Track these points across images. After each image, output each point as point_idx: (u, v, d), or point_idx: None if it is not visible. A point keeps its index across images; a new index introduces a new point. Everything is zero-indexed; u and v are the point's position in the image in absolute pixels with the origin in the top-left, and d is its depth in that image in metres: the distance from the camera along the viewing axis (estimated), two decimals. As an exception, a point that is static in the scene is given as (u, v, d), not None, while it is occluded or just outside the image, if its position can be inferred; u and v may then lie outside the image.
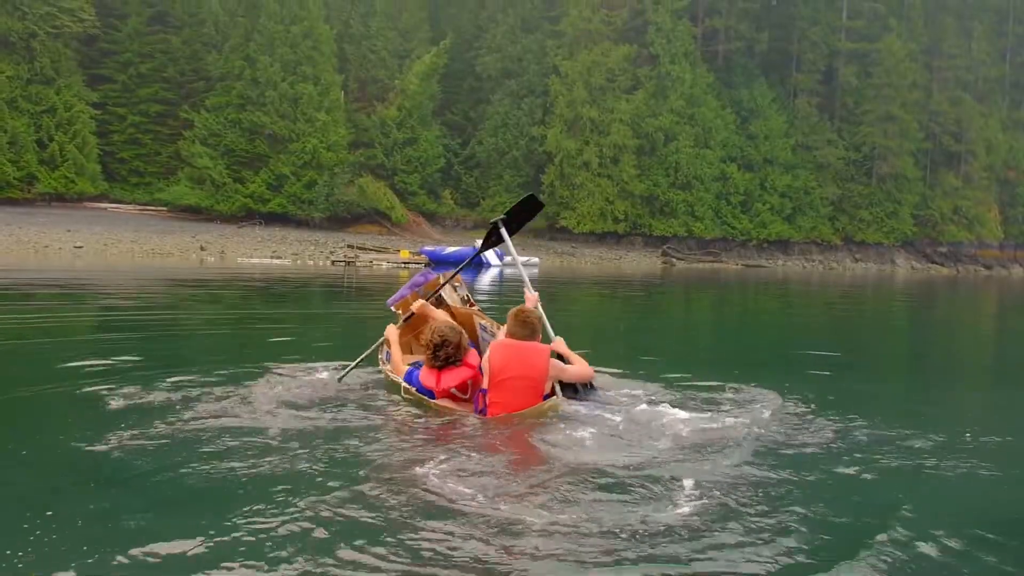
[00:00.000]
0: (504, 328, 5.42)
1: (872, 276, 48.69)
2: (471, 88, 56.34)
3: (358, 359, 6.05)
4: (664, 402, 5.33)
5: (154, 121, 45.84)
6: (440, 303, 6.70)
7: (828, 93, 61.32)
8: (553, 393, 5.07)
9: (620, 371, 6.83)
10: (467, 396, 5.18)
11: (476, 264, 34.83)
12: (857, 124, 60.75)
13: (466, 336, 5.34)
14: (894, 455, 4.54)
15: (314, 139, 45.18)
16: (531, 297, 5.84)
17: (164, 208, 43.80)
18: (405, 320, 6.27)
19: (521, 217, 6.52)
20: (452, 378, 5.19)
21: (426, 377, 5.24)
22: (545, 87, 53.81)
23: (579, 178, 51.82)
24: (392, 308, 6.63)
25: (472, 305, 6.89)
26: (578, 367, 5.24)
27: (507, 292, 20.11)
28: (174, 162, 45.14)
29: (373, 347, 6.14)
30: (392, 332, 6.02)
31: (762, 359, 9.45)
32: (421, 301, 6.21)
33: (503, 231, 6.37)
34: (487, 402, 5.01)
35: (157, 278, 20.56)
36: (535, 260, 40.78)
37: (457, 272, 6.95)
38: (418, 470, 3.94)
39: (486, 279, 25.75)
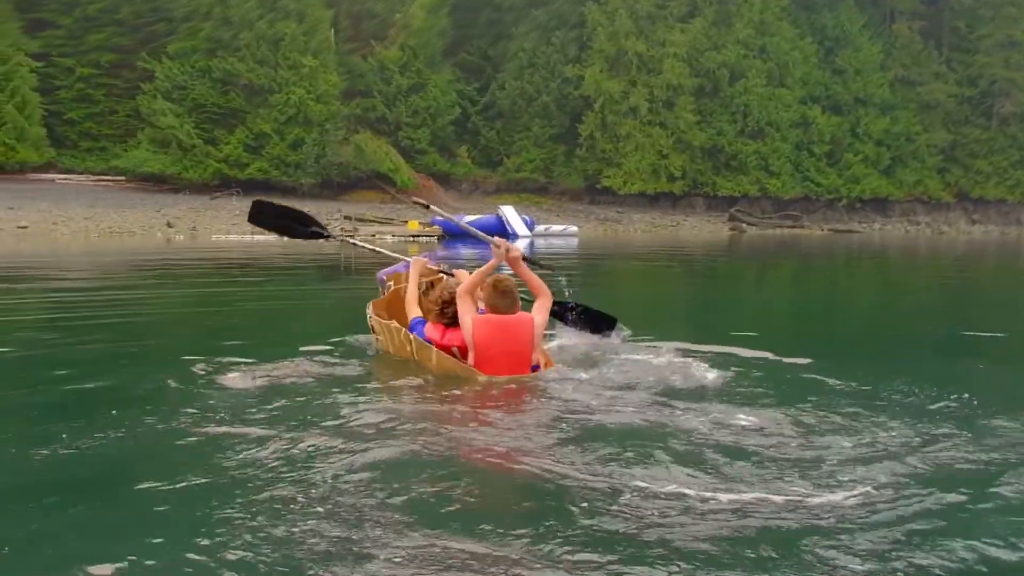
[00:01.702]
0: (481, 297, 6.26)
1: (994, 241, 48.03)
2: (489, 21, 56.20)
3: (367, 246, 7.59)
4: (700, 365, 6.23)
5: (107, 73, 46.29)
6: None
7: (934, 15, 60.30)
8: (539, 366, 6.05)
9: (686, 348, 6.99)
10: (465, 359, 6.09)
11: (502, 235, 34.96)
12: (971, 53, 59.75)
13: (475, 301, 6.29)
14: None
15: (300, 89, 45.41)
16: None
17: (123, 178, 44.34)
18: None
19: (587, 321, 7.48)
20: (456, 337, 6.16)
21: (431, 331, 6.27)
22: (581, 17, 53.56)
23: (625, 127, 51.65)
24: (383, 278, 7.75)
25: None
26: (541, 306, 6.14)
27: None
28: (133, 122, 45.63)
29: (386, 252, 7.64)
30: (418, 264, 6.99)
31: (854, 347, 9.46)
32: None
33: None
34: None
35: (117, 262, 20.89)
36: (572, 229, 40.76)
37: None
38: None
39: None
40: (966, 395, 5.67)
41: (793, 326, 11.34)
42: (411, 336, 6.30)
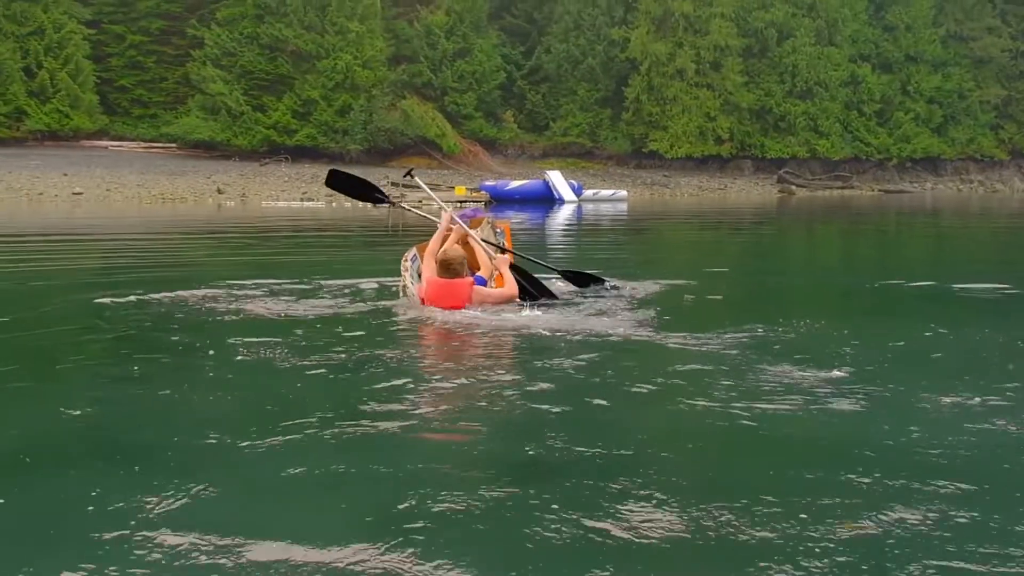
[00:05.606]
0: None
1: (1048, 199, 46.95)
2: (535, -17, 55.57)
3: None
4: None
5: (157, 40, 46.58)
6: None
7: (989, -32, 58.67)
8: None
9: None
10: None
11: (549, 200, 34.81)
12: (1027, 6, 58.13)
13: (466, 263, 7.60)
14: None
15: (347, 55, 45.26)
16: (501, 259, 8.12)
17: (173, 144, 44.71)
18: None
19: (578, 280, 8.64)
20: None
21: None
22: (626, -23, 52.75)
23: (671, 90, 50.91)
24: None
25: (503, 252, 8.48)
26: (502, 291, 7.70)
27: (585, 234, 19.99)
28: (183, 89, 45.94)
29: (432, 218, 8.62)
30: (446, 219, 8.27)
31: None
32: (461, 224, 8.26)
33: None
34: None
35: (169, 227, 21.05)
36: (622, 193, 40.45)
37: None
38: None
39: (560, 218, 25.63)
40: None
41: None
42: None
